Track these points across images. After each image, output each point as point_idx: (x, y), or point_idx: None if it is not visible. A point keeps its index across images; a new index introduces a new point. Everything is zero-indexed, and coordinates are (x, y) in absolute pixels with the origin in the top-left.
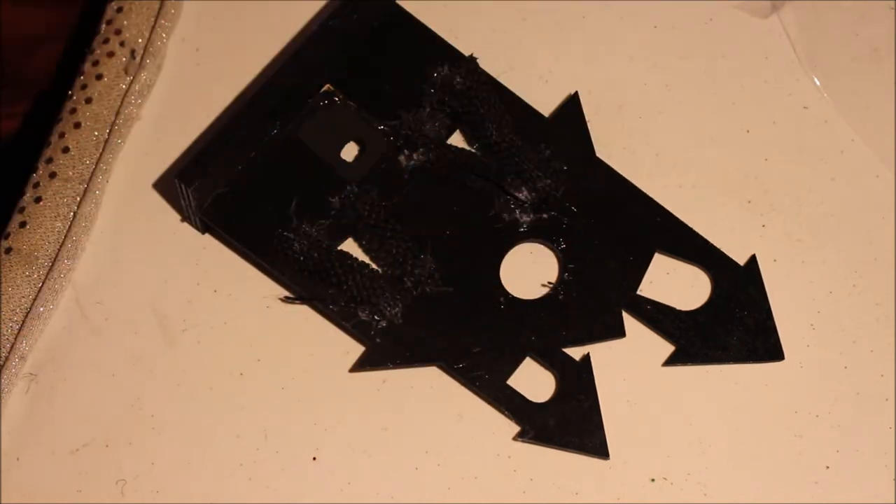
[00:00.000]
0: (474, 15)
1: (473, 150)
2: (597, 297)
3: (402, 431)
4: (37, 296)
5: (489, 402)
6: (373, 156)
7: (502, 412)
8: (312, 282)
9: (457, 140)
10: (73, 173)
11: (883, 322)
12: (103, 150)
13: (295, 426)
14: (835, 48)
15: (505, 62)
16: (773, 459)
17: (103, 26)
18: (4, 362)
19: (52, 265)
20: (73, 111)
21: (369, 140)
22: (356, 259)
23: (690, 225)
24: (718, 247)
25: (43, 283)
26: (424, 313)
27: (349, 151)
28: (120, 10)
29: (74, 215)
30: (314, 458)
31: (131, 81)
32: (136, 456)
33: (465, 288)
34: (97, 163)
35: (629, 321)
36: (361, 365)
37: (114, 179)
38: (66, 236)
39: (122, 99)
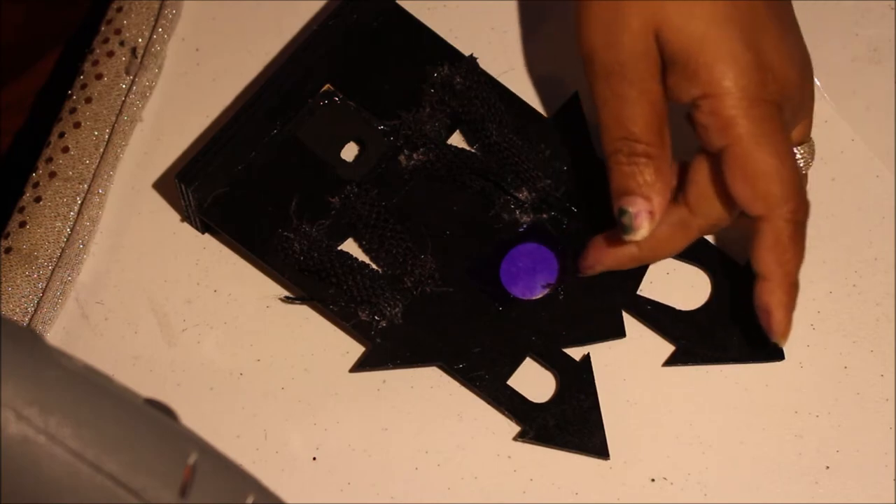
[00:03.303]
0: (474, 15)
1: (473, 150)
2: (597, 297)
3: (402, 431)
4: (38, 296)
5: (489, 402)
6: (373, 156)
7: (502, 412)
8: (312, 282)
9: (457, 140)
10: (73, 173)
11: (883, 322)
12: (104, 150)
13: (295, 426)
14: (835, 48)
15: (505, 62)
16: (773, 459)
17: (103, 26)
18: None
19: (53, 265)
20: (73, 111)
21: (369, 140)
22: (356, 259)
23: None
24: (718, 247)
25: (44, 283)
26: (424, 313)
27: (349, 151)
28: (120, 9)
29: (75, 215)
30: (314, 458)
31: (132, 81)
32: None
33: (465, 288)
34: (98, 163)
35: (629, 321)
36: (361, 365)
37: (114, 179)
38: (67, 236)
39: (123, 99)
